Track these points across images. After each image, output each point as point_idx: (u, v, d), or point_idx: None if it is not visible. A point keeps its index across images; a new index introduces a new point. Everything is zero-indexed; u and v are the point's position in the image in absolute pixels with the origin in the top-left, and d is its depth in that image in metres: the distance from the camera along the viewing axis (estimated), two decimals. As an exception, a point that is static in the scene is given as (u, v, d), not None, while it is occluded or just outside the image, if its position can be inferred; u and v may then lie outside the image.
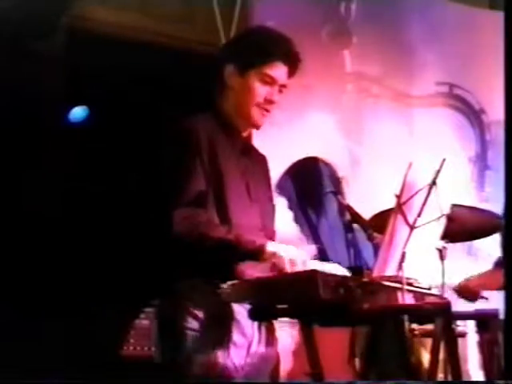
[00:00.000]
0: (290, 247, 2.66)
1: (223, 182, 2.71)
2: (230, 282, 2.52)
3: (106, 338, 4.16)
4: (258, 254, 2.60)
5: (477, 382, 3.66)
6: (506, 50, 2.70)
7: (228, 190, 2.71)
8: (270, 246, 2.61)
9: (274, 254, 2.58)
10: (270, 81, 2.79)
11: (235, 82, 2.81)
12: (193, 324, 2.62)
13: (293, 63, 2.82)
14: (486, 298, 3.82)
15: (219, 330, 2.63)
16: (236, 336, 2.65)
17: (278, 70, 2.79)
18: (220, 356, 2.60)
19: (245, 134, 2.90)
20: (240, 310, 2.64)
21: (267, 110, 2.81)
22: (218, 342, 2.61)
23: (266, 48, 2.78)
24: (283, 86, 2.82)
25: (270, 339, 2.78)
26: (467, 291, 3.85)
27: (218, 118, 2.83)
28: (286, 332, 3.74)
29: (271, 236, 2.87)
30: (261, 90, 2.78)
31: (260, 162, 2.98)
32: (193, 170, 2.67)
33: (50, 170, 4.26)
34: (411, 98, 5.23)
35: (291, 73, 2.83)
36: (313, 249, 4.09)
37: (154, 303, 2.81)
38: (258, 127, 2.86)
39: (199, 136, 2.71)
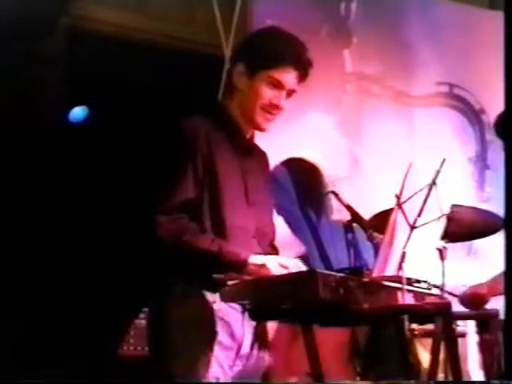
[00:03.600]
0: (279, 257, 2.67)
1: (219, 184, 2.68)
2: (230, 282, 2.52)
3: (105, 337, 4.16)
4: (241, 267, 2.59)
5: (477, 382, 3.66)
6: (506, 49, 2.70)
7: (224, 192, 2.69)
8: (255, 259, 2.60)
9: (262, 265, 2.58)
10: (277, 85, 2.76)
11: (243, 82, 2.78)
12: (179, 327, 2.60)
13: (303, 69, 2.79)
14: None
15: (203, 332, 2.60)
16: (224, 338, 2.62)
17: (288, 75, 2.76)
18: (205, 358, 2.58)
19: (248, 136, 2.88)
20: (231, 312, 2.62)
21: (272, 114, 2.78)
22: (203, 345, 2.59)
23: (277, 52, 2.75)
24: (292, 90, 2.79)
25: (263, 341, 2.75)
26: (474, 299, 3.77)
27: (221, 117, 2.80)
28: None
29: (269, 239, 2.87)
30: (267, 93, 2.76)
31: (261, 160, 2.96)
32: (184, 173, 2.65)
33: (48, 171, 4.25)
34: (411, 98, 5.22)
35: (301, 78, 2.80)
36: (301, 249, 4.08)
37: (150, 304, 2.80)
38: (262, 130, 2.84)
39: (196, 135, 2.69)
